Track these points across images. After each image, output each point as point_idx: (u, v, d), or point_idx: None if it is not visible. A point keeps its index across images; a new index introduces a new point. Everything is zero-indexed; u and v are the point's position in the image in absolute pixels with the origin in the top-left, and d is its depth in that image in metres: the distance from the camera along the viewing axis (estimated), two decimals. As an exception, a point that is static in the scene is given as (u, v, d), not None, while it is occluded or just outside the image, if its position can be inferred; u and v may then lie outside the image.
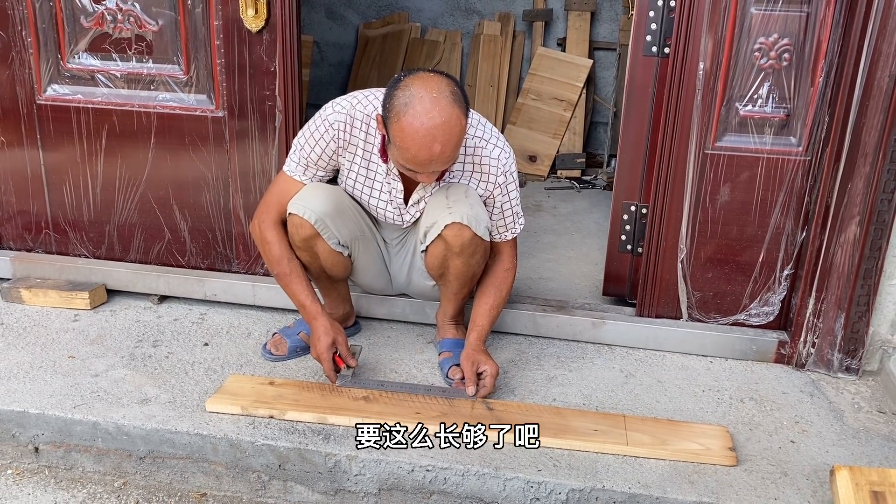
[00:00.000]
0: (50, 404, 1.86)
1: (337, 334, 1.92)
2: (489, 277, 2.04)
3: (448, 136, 1.68)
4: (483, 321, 1.99)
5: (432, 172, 1.77)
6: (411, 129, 1.67)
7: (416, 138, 1.67)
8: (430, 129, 1.66)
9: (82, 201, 2.41)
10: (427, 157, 1.69)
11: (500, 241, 2.05)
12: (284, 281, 1.96)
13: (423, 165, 1.72)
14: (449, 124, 1.68)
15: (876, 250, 2.00)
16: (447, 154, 1.70)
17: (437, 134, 1.67)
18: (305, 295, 1.94)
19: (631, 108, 2.21)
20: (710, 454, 1.73)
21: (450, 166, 1.81)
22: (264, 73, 2.19)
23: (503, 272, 2.04)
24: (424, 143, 1.67)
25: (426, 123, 1.66)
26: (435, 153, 1.68)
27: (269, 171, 2.28)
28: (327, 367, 1.91)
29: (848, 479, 1.52)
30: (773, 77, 2.00)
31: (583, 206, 3.61)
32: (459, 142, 1.72)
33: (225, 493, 1.82)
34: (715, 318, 2.23)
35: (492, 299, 2.01)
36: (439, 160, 1.71)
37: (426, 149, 1.68)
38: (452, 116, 1.68)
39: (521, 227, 2.05)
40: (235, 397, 1.87)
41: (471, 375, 1.90)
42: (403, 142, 1.69)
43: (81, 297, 2.33)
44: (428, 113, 1.66)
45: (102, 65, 2.27)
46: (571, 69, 4.09)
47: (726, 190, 2.10)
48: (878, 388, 2.08)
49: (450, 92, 1.70)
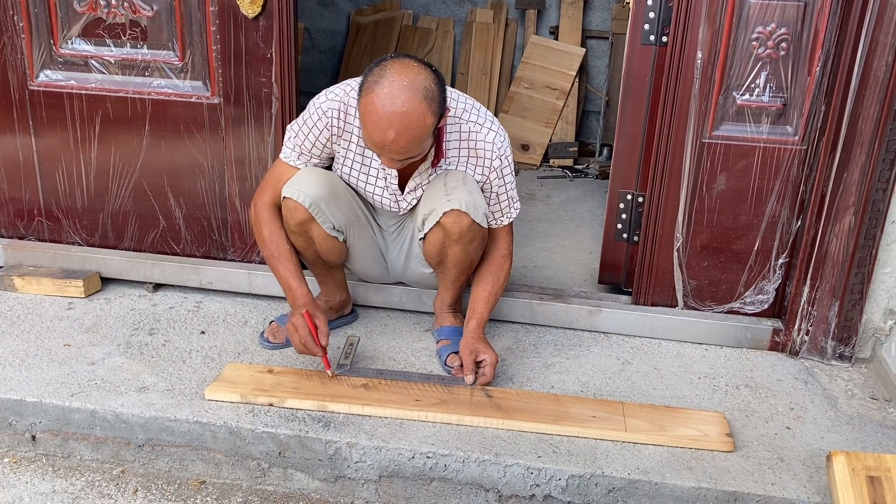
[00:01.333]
0: (47, 392, 1.85)
1: (315, 310, 1.89)
2: (486, 265, 2.04)
3: (404, 128, 1.66)
4: (482, 308, 1.99)
5: (391, 158, 1.75)
6: (372, 108, 1.67)
7: (373, 118, 1.67)
8: (387, 115, 1.65)
9: (75, 188, 2.39)
10: (381, 140, 1.68)
11: (497, 228, 2.05)
12: (273, 262, 1.96)
13: (378, 147, 1.71)
14: (408, 116, 1.66)
15: (870, 239, 2.02)
16: (401, 144, 1.68)
17: (394, 121, 1.65)
18: (293, 277, 1.93)
19: (628, 96, 2.22)
20: (708, 440, 1.75)
21: (412, 159, 1.77)
22: (260, 59, 2.17)
23: (500, 259, 2.04)
24: (379, 126, 1.66)
25: (386, 107, 1.65)
26: (388, 139, 1.67)
27: (265, 159, 2.27)
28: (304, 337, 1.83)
29: (845, 465, 1.54)
30: (770, 66, 2.01)
31: (576, 195, 3.62)
32: (417, 137, 1.69)
33: (224, 480, 1.81)
34: (710, 307, 2.24)
35: (490, 286, 2.01)
36: (393, 148, 1.69)
37: (380, 132, 1.67)
38: (415, 111, 1.66)
39: (516, 211, 2.05)
40: (234, 385, 1.87)
41: (469, 364, 1.90)
42: (363, 117, 1.70)
43: (75, 285, 2.31)
44: (391, 98, 1.65)
45: (96, 50, 2.24)
46: (564, 58, 4.09)
47: (723, 179, 2.11)
48: (871, 375, 2.11)
49: (423, 87, 1.68)
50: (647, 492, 1.66)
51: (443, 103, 1.74)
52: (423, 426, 1.78)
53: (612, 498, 1.67)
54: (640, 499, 1.66)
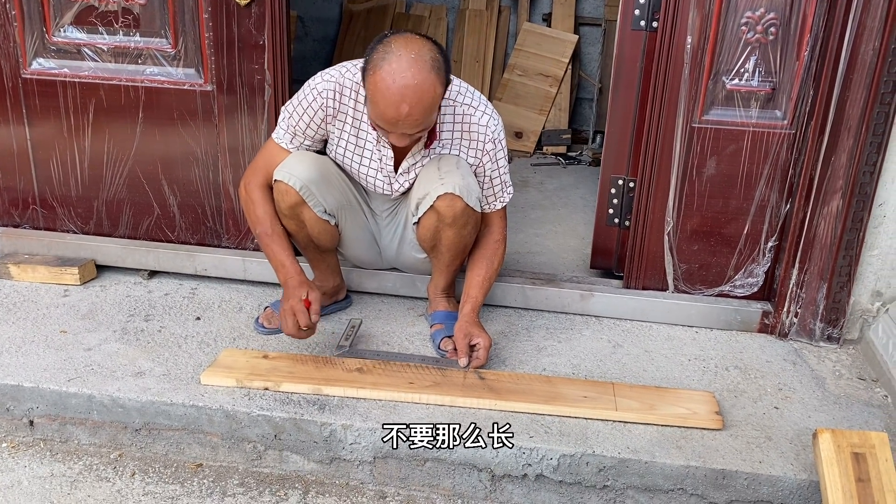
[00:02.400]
0: (44, 378, 1.86)
1: (310, 288, 1.89)
2: (480, 249, 2.06)
3: (417, 100, 1.67)
4: (476, 293, 2.01)
5: (402, 134, 1.75)
6: (383, 84, 1.67)
7: (385, 95, 1.67)
8: (400, 89, 1.66)
9: (70, 177, 2.40)
10: (394, 115, 1.69)
11: (490, 212, 2.06)
12: (265, 241, 1.97)
13: (391, 124, 1.71)
14: (420, 88, 1.67)
15: (858, 222, 2.05)
16: (415, 117, 1.69)
17: (407, 94, 1.66)
18: (286, 255, 1.94)
19: (619, 82, 2.23)
20: (698, 418, 1.78)
21: (423, 132, 1.78)
22: (253, 46, 2.18)
23: (493, 243, 2.06)
24: (393, 101, 1.67)
25: (398, 81, 1.66)
26: (402, 113, 1.68)
27: (258, 146, 2.27)
28: (301, 317, 1.83)
29: (830, 442, 1.57)
30: (759, 51, 2.03)
31: (569, 182, 3.64)
32: (430, 108, 1.71)
33: (221, 463, 1.84)
34: (700, 290, 2.27)
35: (484, 271, 2.03)
36: (406, 122, 1.70)
37: (394, 107, 1.67)
38: (426, 81, 1.67)
39: (509, 196, 2.07)
40: (230, 370, 1.89)
41: (463, 347, 1.92)
42: (374, 96, 1.70)
43: (71, 273, 2.32)
44: (402, 72, 1.66)
45: (89, 38, 2.25)
46: (557, 45, 4.09)
47: (713, 163, 2.13)
48: (859, 356, 2.14)
49: (430, 57, 1.70)
50: (638, 470, 1.68)
51: (448, 72, 1.75)
52: (416, 408, 1.80)
53: (603, 477, 1.70)
54: (631, 477, 1.69)
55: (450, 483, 1.76)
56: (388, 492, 1.78)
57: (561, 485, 1.72)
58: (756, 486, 1.66)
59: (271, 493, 1.76)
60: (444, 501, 1.76)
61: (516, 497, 1.75)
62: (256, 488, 1.77)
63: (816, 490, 1.64)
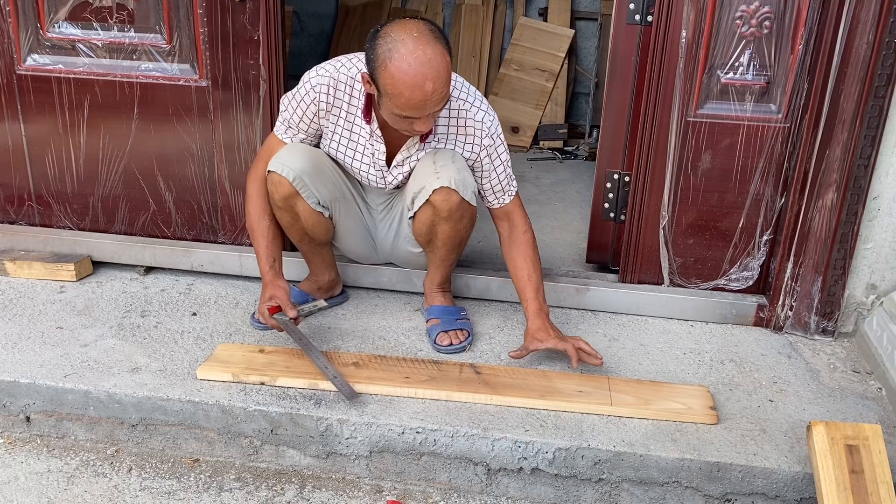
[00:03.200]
0: (40, 374, 1.87)
1: (275, 290, 1.91)
2: (514, 249, 2.02)
3: (437, 73, 1.68)
4: (532, 294, 1.97)
5: (429, 116, 1.75)
6: (400, 72, 1.67)
7: (406, 81, 1.67)
8: (418, 70, 1.66)
9: (65, 173, 2.40)
10: (421, 98, 1.68)
11: (505, 206, 2.04)
12: (252, 236, 2.01)
13: (419, 108, 1.71)
14: (435, 61, 1.67)
15: (852, 215, 2.05)
16: (440, 90, 1.70)
17: (427, 72, 1.66)
18: (263, 257, 1.97)
19: (614, 76, 2.24)
20: (692, 413, 1.79)
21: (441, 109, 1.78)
22: (248, 42, 2.18)
23: (521, 235, 2.02)
24: (416, 84, 1.67)
25: (413, 64, 1.66)
26: (428, 92, 1.68)
27: (253, 142, 2.28)
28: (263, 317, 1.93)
29: (824, 434, 1.57)
30: (753, 45, 2.03)
31: (565, 177, 3.64)
32: (448, 76, 1.72)
33: (217, 458, 1.84)
34: (696, 284, 2.27)
35: (527, 268, 1.99)
36: (433, 99, 1.70)
37: (419, 89, 1.67)
38: (437, 53, 1.68)
39: (515, 188, 2.06)
40: (226, 365, 1.89)
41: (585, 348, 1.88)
42: (395, 88, 1.69)
43: (67, 269, 2.32)
44: (413, 53, 1.66)
45: (83, 34, 2.24)
46: (553, 39, 4.09)
47: (707, 157, 2.14)
48: (853, 348, 2.15)
49: (428, 30, 1.70)
50: (633, 464, 1.69)
51: (446, 37, 1.75)
52: (412, 402, 1.81)
53: (598, 470, 1.70)
54: (626, 470, 1.70)
55: (446, 477, 1.77)
56: (384, 486, 1.78)
57: (556, 478, 1.73)
58: (751, 478, 1.67)
59: (268, 487, 1.76)
60: (441, 495, 1.77)
61: (512, 490, 1.76)
62: (253, 483, 1.78)
63: (811, 482, 1.65)
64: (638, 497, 1.73)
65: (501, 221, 2.06)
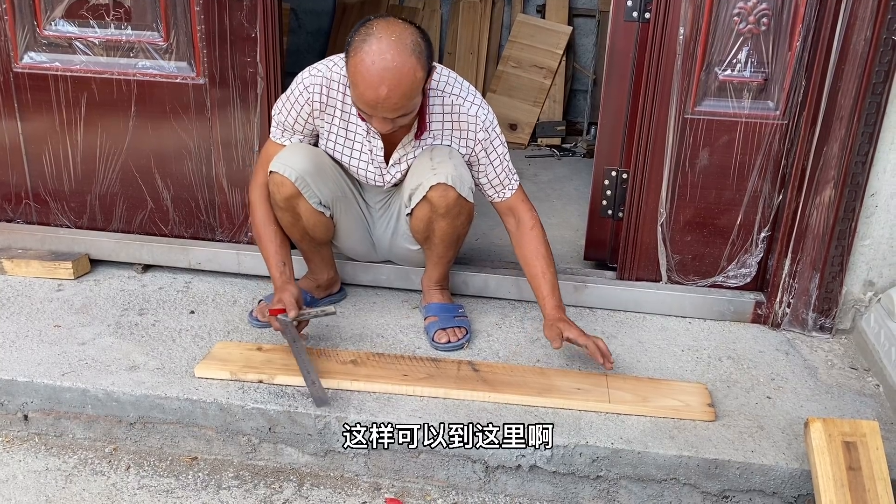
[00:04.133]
0: (38, 372, 1.86)
1: (283, 293, 1.89)
2: (524, 246, 2.00)
3: (396, 83, 1.66)
4: (548, 291, 1.95)
5: (384, 119, 1.73)
6: (362, 66, 1.66)
7: (364, 76, 1.66)
8: (379, 71, 1.65)
9: (63, 171, 2.39)
10: (373, 97, 1.67)
11: (508, 200, 2.03)
12: (259, 243, 2.01)
13: (371, 107, 1.70)
14: (399, 71, 1.65)
15: (850, 212, 2.05)
16: (394, 100, 1.67)
17: (386, 77, 1.65)
18: (273, 263, 1.97)
19: (612, 73, 2.23)
20: (690, 410, 1.79)
21: (405, 118, 1.76)
22: (245, 39, 2.18)
23: (529, 231, 2.00)
24: (371, 83, 1.66)
25: (376, 63, 1.65)
26: (381, 96, 1.66)
27: (251, 139, 2.27)
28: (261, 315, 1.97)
29: (821, 431, 1.58)
30: (751, 42, 2.03)
31: (563, 174, 3.64)
32: (409, 92, 1.69)
33: (216, 456, 1.84)
34: (694, 281, 2.28)
35: (540, 264, 1.97)
36: (386, 105, 1.68)
37: (372, 89, 1.66)
38: (406, 65, 1.66)
39: (517, 181, 2.04)
40: (224, 363, 1.89)
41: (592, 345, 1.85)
42: (353, 77, 1.69)
43: (65, 267, 2.32)
44: (381, 53, 1.65)
45: (80, 31, 2.24)
46: (551, 36, 4.09)
47: (705, 154, 2.14)
48: (851, 345, 2.15)
49: (411, 41, 1.68)
50: (631, 461, 1.69)
51: (430, 58, 1.74)
52: (410, 400, 1.81)
53: (596, 467, 1.71)
54: (624, 468, 1.70)
55: (444, 474, 1.77)
56: (382, 483, 1.79)
57: (555, 475, 1.73)
58: (748, 475, 1.67)
59: (266, 485, 1.77)
60: (439, 493, 1.77)
61: (510, 488, 1.76)
62: (251, 481, 1.78)
63: (808, 479, 1.65)
64: (636, 494, 1.73)
65: (507, 217, 2.05)
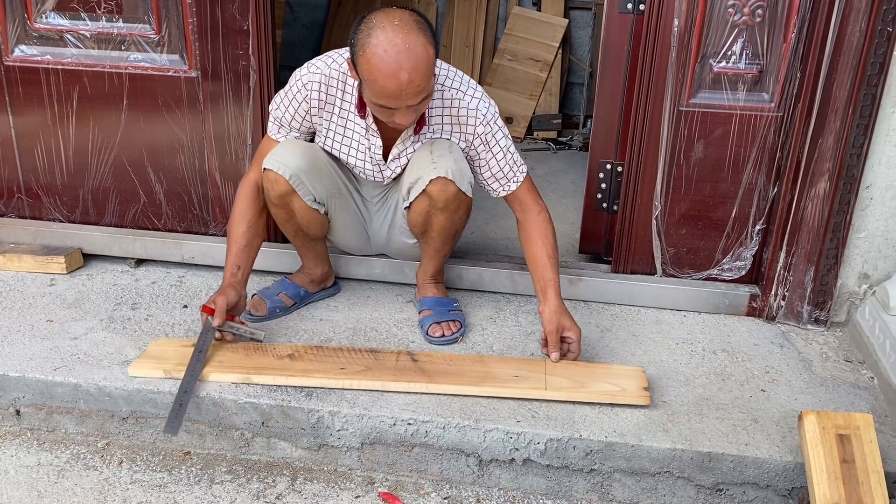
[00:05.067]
0: (30, 367, 1.86)
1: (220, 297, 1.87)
2: (527, 231, 1.99)
3: (414, 63, 1.64)
4: (550, 274, 1.93)
5: (408, 109, 1.71)
6: (376, 58, 1.64)
7: (381, 68, 1.64)
8: (395, 57, 1.63)
9: (55, 165, 2.38)
10: (396, 87, 1.65)
11: (514, 193, 2.01)
12: (228, 236, 1.98)
13: (395, 97, 1.67)
14: (414, 50, 1.64)
15: (845, 204, 2.04)
16: (416, 82, 1.65)
17: (403, 60, 1.63)
18: (229, 263, 1.94)
19: (606, 65, 2.22)
20: (626, 394, 1.78)
21: (426, 101, 1.74)
22: (237, 31, 2.16)
23: (536, 216, 1.99)
24: (391, 72, 1.63)
25: (390, 51, 1.63)
26: (403, 81, 1.64)
27: (244, 132, 2.26)
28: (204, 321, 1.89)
29: (815, 424, 1.57)
30: (746, 33, 2.02)
31: (559, 167, 3.63)
32: (427, 70, 1.67)
33: (209, 450, 1.84)
34: (688, 274, 2.27)
35: (545, 248, 1.95)
36: (409, 90, 1.66)
37: (394, 78, 1.64)
38: (417, 43, 1.64)
39: (523, 173, 2.02)
40: (158, 361, 1.85)
41: (555, 341, 1.88)
42: (371, 74, 1.66)
43: (57, 262, 2.31)
44: (391, 41, 1.63)
45: (71, 24, 2.22)
46: (547, 29, 4.07)
47: (700, 147, 2.13)
48: (846, 338, 2.15)
49: (413, 20, 1.67)
50: (624, 454, 1.69)
51: (434, 34, 1.72)
52: (404, 394, 1.80)
53: (590, 460, 1.70)
54: (617, 461, 1.70)
55: (438, 468, 1.77)
56: (376, 477, 1.78)
57: (548, 469, 1.73)
58: (742, 468, 1.67)
59: (259, 479, 1.76)
60: (433, 486, 1.77)
61: (504, 481, 1.76)
62: (244, 475, 1.77)
63: (802, 472, 1.65)
64: (630, 487, 1.73)
65: (514, 205, 2.03)
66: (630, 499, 1.73)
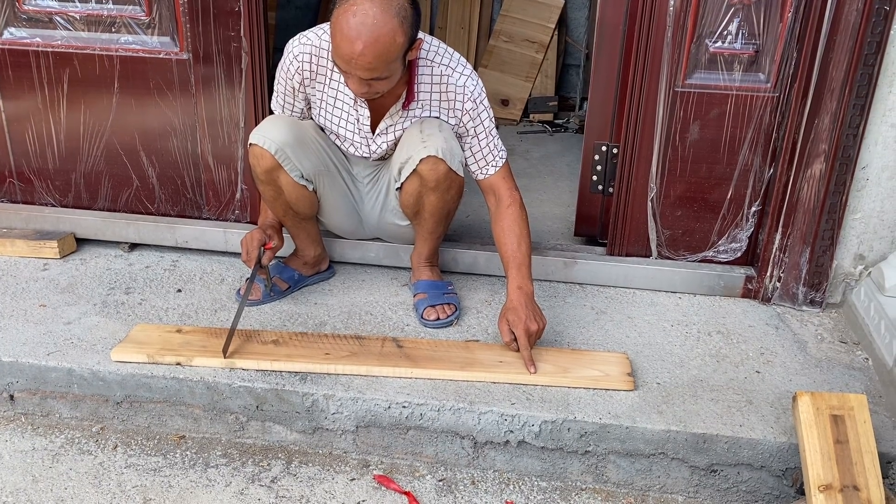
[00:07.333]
0: (23, 352, 1.85)
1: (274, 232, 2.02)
2: (498, 223, 1.96)
3: (373, 41, 1.64)
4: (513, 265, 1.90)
5: (359, 80, 1.71)
6: (342, 18, 1.65)
7: (342, 29, 1.65)
8: (356, 25, 1.63)
9: (46, 149, 2.36)
10: (348, 52, 1.65)
11: (491, 178, 1.99)
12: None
13: (345, 61, 1.68)
14: (379, 30, 1.64)
15: (841, 185, 2.04)
16: (368, 59, 1.65)
17: (363, 32, 1.63)
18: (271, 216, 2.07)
19: (602, 46, 2.20)
20: (609, 380, 1.79)
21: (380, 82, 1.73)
22: (229, 13, 2.14)
23: (505, 209, 1.96)
24: (348, 37, 1.64)
25: (356, 17, 1.63)
26: (356, 51, 1.64)
27: (236, 115, 2.24)
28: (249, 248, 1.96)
29: (809, 404, 1.57)
30: (742, 13, 2.00)
31: (555, 150, 3.62)
32: (386, 54, 1.67)
33: (203, 434, 1.84)
34: (684, 256, 2.26)
35: (511, 243, 1.92)
36: (359, 63, 1.66)
37: (348, 42, 1.64)
38: (386, 25, 1.64)
39: (502, 159, 2.00)
40: (141, 346, 1.85)
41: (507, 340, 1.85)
42: (333, 29, 1.68)
43: (50, 246, 2.30)
44: (364, 10, 1.63)
45: (61, 6, 2.20)
46: (543, 10, 4.04)
47: (696, 128, 2.12)
48: (841, 319, 2.15)
49: (398, 5, 1.66)
50: (619, 436, 1.69)
51: (415, 27, 1.71)
52: (398, 379, 1.80)
53: (585, 442, 1.71)
54: (612, 443, 1.70)
55: (433, 450, 1.77)
56: (371, 460, 1.78)
57: (543, 451, 1.73)
58: (736, 449, 1.67)
59: (254, 463, 1.76)
60: (427, 469, 1.77)
61: (499, 463, 1.76)
62: (239, 459, 1.77)
63: (796, 452, 1.65)
64: (624, 469, 1.73)
65: (488, 196, 2.03)
66: (624, 480, 1.74)
